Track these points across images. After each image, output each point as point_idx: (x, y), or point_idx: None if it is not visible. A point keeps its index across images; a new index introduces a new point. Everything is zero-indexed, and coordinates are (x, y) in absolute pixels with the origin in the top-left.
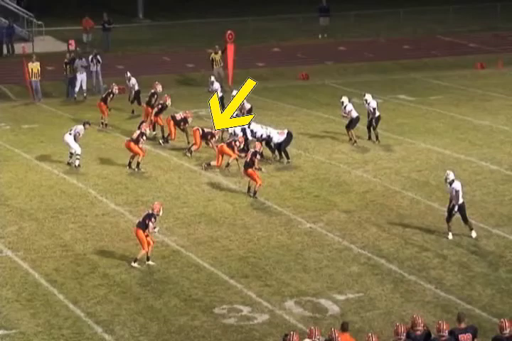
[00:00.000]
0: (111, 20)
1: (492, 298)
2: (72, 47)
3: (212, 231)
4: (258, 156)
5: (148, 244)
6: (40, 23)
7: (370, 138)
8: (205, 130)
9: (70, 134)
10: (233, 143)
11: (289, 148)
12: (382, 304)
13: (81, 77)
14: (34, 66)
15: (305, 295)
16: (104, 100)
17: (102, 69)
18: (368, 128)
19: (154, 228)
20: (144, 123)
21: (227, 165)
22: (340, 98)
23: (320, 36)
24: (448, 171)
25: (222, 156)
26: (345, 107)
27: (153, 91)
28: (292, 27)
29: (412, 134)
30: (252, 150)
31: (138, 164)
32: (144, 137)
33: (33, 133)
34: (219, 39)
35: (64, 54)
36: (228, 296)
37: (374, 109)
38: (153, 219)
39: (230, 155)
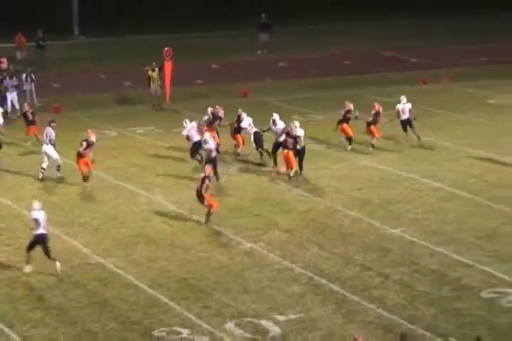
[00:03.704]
0: (45, 37)
1: (435, 317)
2: (4, 66)
3: (150, 252)
4: (207, 181)
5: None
6: None
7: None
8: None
9: (47, 144)
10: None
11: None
12: (324, 324)
13: (11, 97)
14: None
15: (246, 316)
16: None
17: (36, 88)
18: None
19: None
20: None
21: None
22: (272, 116)
23: (259, 52)
24: None
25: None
26: (275, 125)
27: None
28: (231, 43)
29: (354, 151)
30: (202, 174)
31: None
32: None
33: None
34: (156, 56)
35: None
36: (167, 318)
37: (282, 130)
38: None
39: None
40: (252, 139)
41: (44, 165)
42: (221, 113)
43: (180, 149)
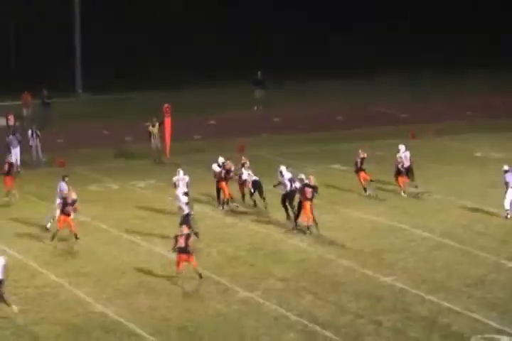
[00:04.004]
0: (50, 95)
1: None
2: (11, 122)
3: (151, 300)
4: (193, 237)
5: None
6: None
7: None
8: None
9: (61, 198)
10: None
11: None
12: None
13: (15, 152)
14: None
15: None
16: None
17: (41, 144)
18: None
19: None
20: None
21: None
22: (278, 167)
23: (255, 108)
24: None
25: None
26: (283, 176)
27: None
28: (228, 100)
29: (346, 203)
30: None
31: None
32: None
33: None
34: (155, 112)
35: (3, 129)
36: None
37: (289, 180)
38: None
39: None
40: (252, 189)
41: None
42: (232, 168)
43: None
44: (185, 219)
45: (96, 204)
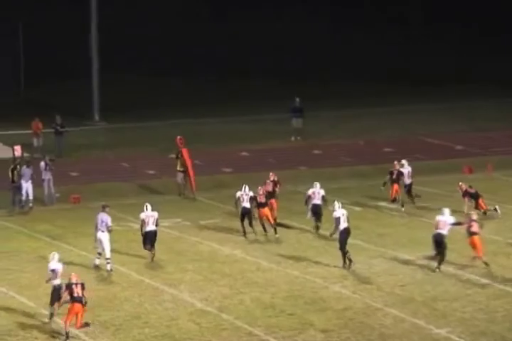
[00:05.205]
0: (63, 123)
1: None
2: (18, 154)
3: None
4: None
5: None
6: None
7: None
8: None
9: (103, 231)
10: None
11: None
12: None
13: (26, 186)
14: None
15: None
16: None
17: (53, 177)
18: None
19: None
20: None
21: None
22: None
23: (293, 138)
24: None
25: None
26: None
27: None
28: (262, 129)
29: (395, 245)
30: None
31: None
32: None
33: None
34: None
35: (7, 161)
36: None
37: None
38: None
39: None
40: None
41: (106, 255)
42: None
43: (208, 243)
44: None
45: (114, 245)
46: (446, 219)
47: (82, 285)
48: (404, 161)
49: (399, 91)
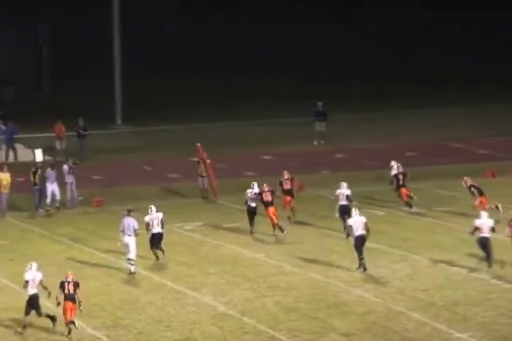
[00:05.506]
0: (86, 127)
1: None
2: (39, 159)
3: None
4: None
5: None
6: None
7: None
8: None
9: (130, 235)
10: None
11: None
12: None
13: (52, 187)
14: (4, 177)
15: None
16: None
17: (76, 181)
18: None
19: None
20: None
21: None
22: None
23: (316, 142)
24: None
25: None
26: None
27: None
28: (285, 132)
29: (418, 249)
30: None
31: None
32: None
33: (1, 251)
34: (204, 145)
35: (29, 165)
36: None
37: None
38: None
39: None
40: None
41: (131, 256)
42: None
43: (231, 246)
44: None
45: (137, 249)
46: (486, 222)
47: (76, 283)
48: (393, 163)
49: (400, 92)
